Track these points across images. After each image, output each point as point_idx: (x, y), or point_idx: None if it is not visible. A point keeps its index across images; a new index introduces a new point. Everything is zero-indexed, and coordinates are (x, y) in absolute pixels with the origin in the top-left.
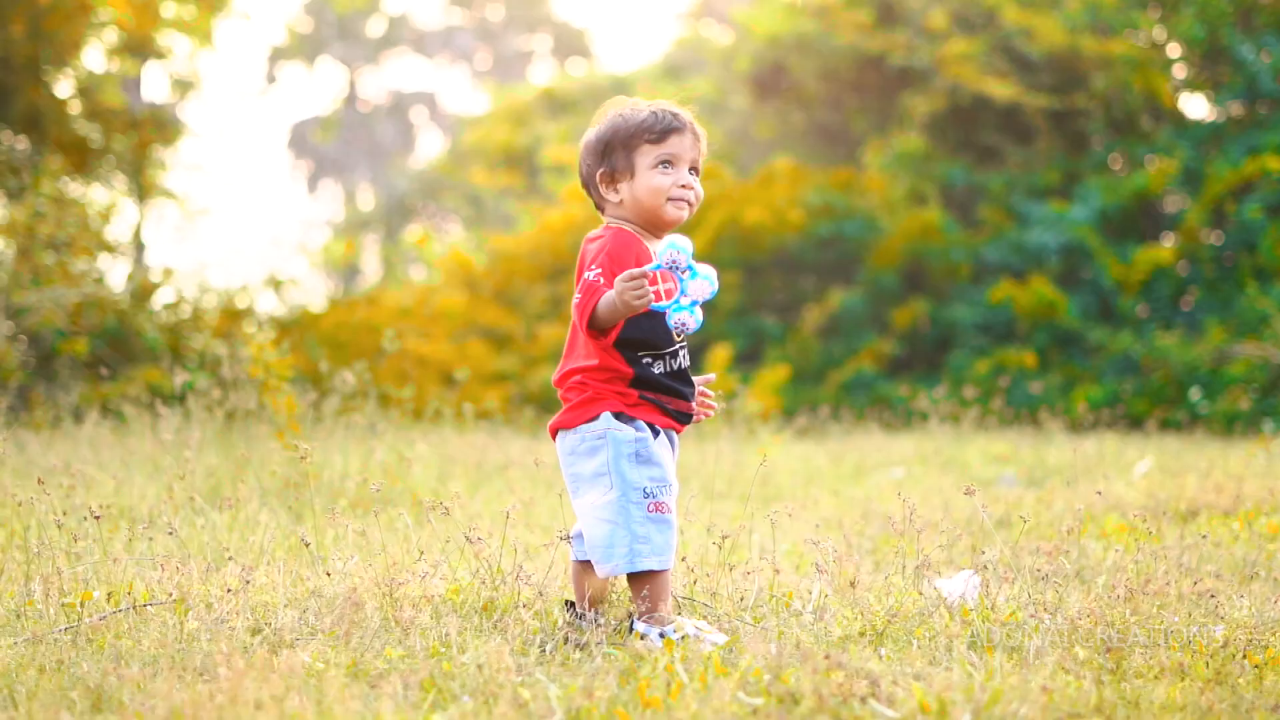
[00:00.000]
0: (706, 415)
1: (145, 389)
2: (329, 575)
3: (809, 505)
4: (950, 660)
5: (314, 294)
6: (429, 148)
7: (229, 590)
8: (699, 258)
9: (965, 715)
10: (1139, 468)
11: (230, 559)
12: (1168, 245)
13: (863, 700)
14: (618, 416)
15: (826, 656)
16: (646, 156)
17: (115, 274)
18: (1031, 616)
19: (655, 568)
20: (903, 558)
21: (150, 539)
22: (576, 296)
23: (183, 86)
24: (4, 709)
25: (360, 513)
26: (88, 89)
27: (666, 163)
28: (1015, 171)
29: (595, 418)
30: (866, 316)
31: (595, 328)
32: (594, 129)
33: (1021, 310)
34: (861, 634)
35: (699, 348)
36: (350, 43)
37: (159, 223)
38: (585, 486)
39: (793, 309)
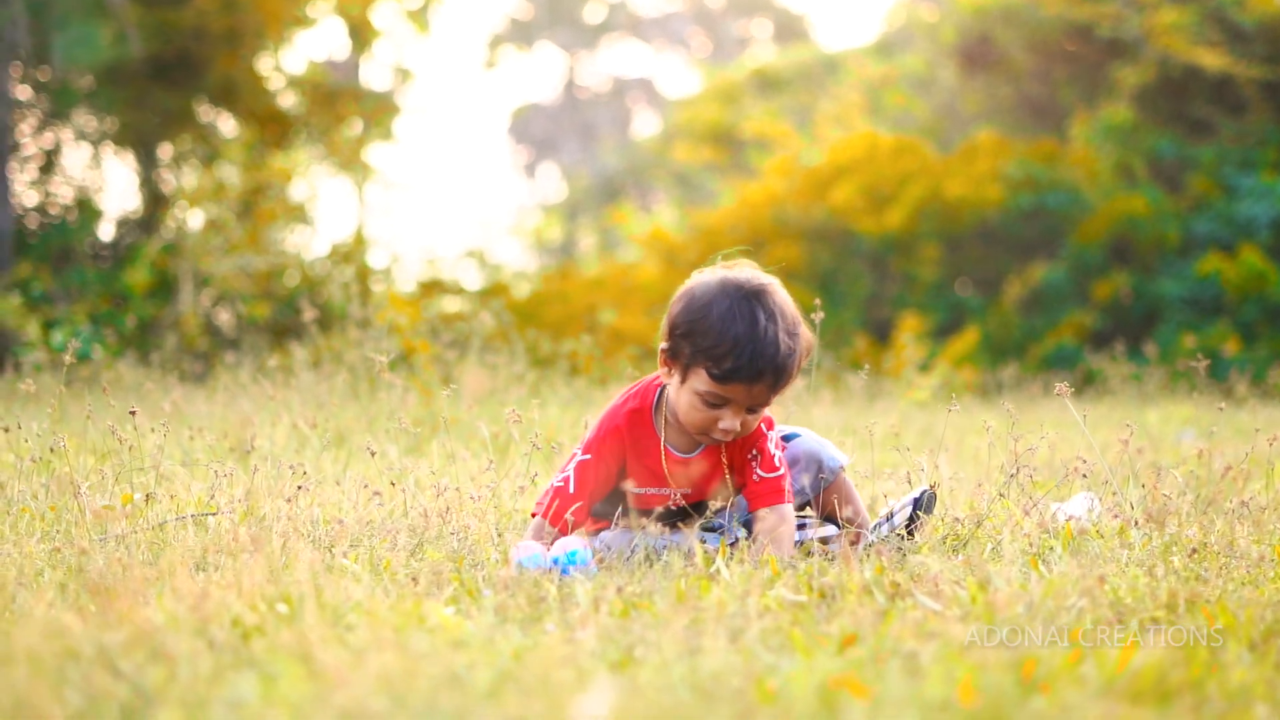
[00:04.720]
0: None
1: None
2: (393, 484)
3: (961, 450)
4: (1025, 564)
5: (514, 269)
6: (644, 131)
7: (287, 500)
8: (895, 230)
9: (1020, 606)
10: None
11: (301, 472)
12: None
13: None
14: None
15: (880, 554)
16: (699, 381)
17: (311, 243)
18: (1135, 526)
19: None
20: (1015, 479)
21: (233, 464)
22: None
23: (402, 72)
24: None
25: (482, 450)
26: (286, 63)
27: (715, 403)
28: (1227, 144)
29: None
30: (1068, 290)
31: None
32: (696, 289)
33: (1229, 283)
34: (945, 541)
35: (889, 319)
36: (568, 29)
37: (362, 196)
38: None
39: (993, 282)
